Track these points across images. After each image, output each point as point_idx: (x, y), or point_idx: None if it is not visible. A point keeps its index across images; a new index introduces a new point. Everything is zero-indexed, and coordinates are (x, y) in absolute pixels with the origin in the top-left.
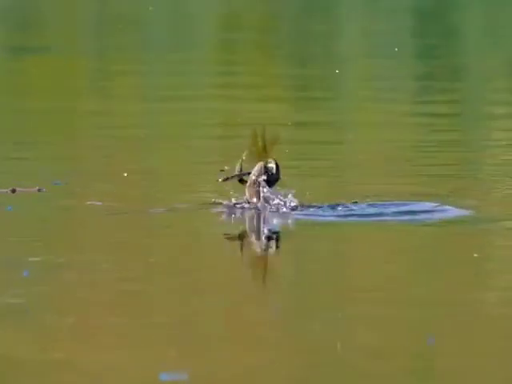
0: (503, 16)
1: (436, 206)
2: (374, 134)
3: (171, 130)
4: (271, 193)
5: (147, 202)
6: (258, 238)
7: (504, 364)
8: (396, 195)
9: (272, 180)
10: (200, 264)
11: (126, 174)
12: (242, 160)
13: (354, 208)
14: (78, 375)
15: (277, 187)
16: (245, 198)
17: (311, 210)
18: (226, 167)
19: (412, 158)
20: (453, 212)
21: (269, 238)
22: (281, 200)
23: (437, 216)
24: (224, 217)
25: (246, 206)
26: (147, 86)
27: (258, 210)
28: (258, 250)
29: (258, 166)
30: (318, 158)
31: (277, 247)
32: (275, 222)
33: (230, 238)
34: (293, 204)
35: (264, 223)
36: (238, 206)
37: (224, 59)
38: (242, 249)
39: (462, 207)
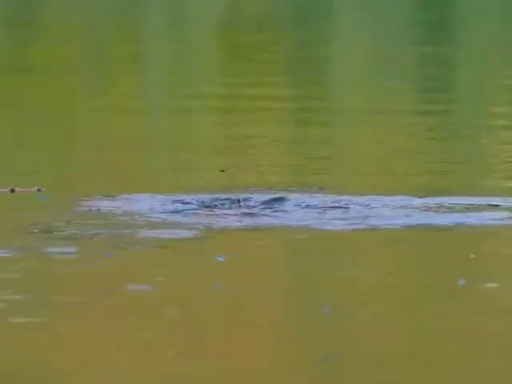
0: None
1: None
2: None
3: (171, 137)
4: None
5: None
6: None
7: (503, 365)
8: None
9: None
10: (198, 264)
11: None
12: None
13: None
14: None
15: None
16: None
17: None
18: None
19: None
20: None
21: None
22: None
23: None
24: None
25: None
26: (147, 96)
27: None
28: (255, 250)
29: None
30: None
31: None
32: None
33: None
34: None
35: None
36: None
37: (224, 65)
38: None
39: None
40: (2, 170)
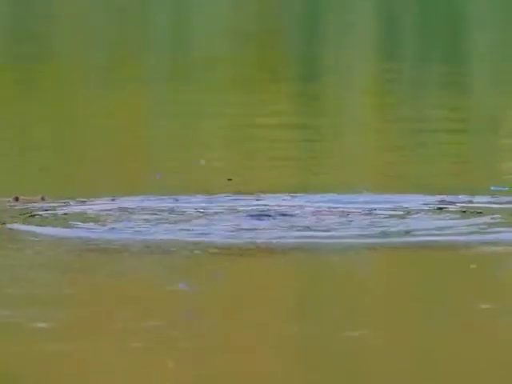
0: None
1: None
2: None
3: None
4: None
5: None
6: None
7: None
8: None
9: None
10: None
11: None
12: None
13: None
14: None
15: None
16: None
17: None
18: None
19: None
20: None
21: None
22: None
23: None
24: None
25: None
26: (151, 103)
27: None
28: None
29: None
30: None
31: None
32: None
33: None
34: None
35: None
36: None
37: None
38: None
39: None
40: (5, 179)
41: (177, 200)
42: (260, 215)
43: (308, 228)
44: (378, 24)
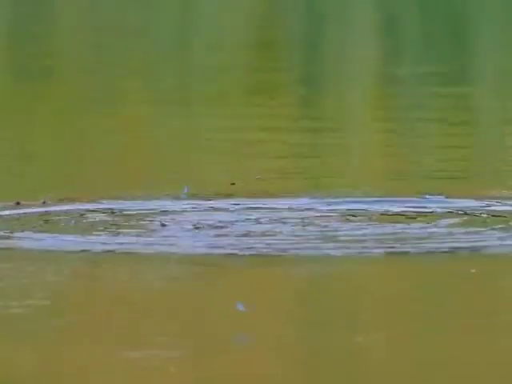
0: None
1: None
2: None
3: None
4: None
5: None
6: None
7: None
8: None
9: None
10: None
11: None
12: None
13: None
14: None
15: None
16: None
17: None
18: None
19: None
20: None
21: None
22: None
23: None
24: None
25: None
26: (156, 111)
27: None
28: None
29: None
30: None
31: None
32: None
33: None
34: None
35: None
36: None
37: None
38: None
39: None
40: (6, 182)
41: (177, 203)
42: (261, 219)
43: (308, 233)
44: (378, 24)
